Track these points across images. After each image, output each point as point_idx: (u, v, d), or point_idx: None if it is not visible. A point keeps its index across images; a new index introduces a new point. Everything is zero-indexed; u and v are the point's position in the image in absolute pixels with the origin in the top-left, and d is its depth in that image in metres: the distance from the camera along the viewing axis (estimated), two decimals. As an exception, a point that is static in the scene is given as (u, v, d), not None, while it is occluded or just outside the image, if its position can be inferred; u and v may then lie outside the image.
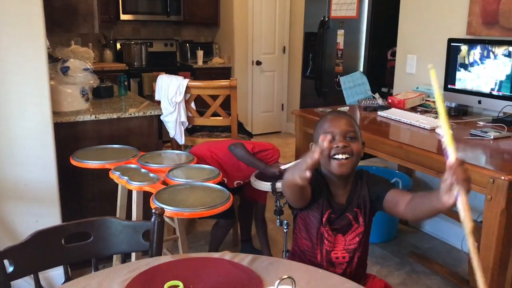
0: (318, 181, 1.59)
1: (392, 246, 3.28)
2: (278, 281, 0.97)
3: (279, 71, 6.41)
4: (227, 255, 1.44)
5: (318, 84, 4.60)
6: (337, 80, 4.22)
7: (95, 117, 2.74)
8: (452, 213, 2.91)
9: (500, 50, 2.65)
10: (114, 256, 2.49)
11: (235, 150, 2.67)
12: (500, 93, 2.67)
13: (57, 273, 2.35)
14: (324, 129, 1.55)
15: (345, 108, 3.15)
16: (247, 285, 1.27)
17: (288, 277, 0.97)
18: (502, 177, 1.85)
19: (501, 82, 2.66)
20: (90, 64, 3.02)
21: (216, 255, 1.46)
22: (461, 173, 1.12)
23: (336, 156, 1.49)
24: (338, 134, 1.52)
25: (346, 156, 1.50)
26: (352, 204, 1.61)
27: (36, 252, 1.42)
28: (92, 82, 2.97)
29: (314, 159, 1.26)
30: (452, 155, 1.13)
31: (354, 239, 1.61)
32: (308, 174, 1.27)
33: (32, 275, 1.43)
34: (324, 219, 1.59)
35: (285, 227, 2.55)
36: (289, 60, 6.40)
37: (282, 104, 6.53)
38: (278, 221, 2.56)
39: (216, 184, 2.16)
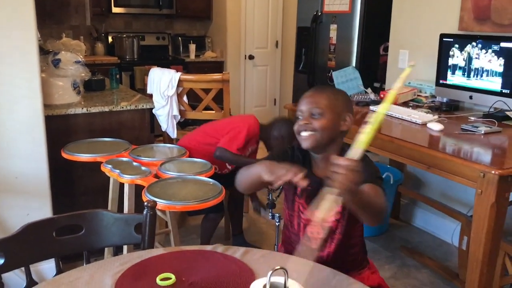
0: (292, 157, 1.65)
1: (383, 240, 3.30)
2: (271, 271, 0.97)
3: (272, 65, 6.41)
4: (219, 248, 1.45)
5: (311, 79, 4.60)
6: (329, 75, 4.22)
7: (87, 110, 2.73)
8: (442, 207, 2.93)
9: (491, 46, 2.67)
10: (106, 249, 2.49)
11: (221, 157, 2.67)
12: (491, 89, 2.69)
13: (48, 267, 2.34)
14: (298, 107, 1.63)
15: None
16: (239, 277, 1.28)
17: (281, 268, 0.97)
18: (493, 171, 1.87)
19: (492, 78, 2.68)
20: (81, 56, 3.00)
21: (208, 247, 1.46)
22: (347, 177, 1.13)
23: (301, 134, 1.58)
24: (303, 111, 1.59)
25: (309, 133, 1.56)
26: None
27: (28, 244, 1.41)
28: (83, 75, 2.95)
29: (288, 180, 1.32)
30: (354, 154, 1.12)
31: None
32: (277, 185, 1.33)
33: (23, 269, 1.42)
34: (298, 190, 1.63)
35: (277, 221, 2.55)
36: (281, 55, 6.39)
37: (275, 99, 6.53)
38: (270, 214, 2.57)
39: (208, 177, 2.16)
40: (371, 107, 2.96)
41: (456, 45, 2.87)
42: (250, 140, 2.73)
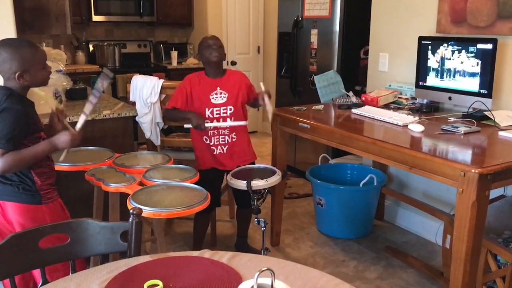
0: None
1: (368, 241, 3.33)
2: (258, 273, 0.98)
3: (254, 71, 6.43)
4: (206, 253, 1.45)
5: (293, 83, 4.63)
6: (311, 79, 4.26)
7: (69, 119, 2.70)
8: (426, 207, 2.97)
9: (468, 48, 2.72)
10: (91, 258, 2.47)
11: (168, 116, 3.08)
12: (469, 90, 2.74)
13: None
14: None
15: (320, 107, 3.19)
16: (227, 281, 1.28)
17: (268, 269, 0.98)
18: (473, 170, 1.91)
19: (470, 78, 2.74)
20: (62, 66, 2.98)
21: (195, 253, 1.46)
22: None
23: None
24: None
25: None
26: None
27: (12, 255, 1.40)
28: (65, 84, 2.93)
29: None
30: None
31: None
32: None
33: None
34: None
35: (262, 226, 2.57)
36: (264, 60, 6.42)
37: (258, 104, 6.55)
38: (256, 220, 2.58)
39: (194, 183, 2.17)
40: (353, 110, 2.99)
41: (434, 47, 2.93)
42: (185, 90, 2.81)
